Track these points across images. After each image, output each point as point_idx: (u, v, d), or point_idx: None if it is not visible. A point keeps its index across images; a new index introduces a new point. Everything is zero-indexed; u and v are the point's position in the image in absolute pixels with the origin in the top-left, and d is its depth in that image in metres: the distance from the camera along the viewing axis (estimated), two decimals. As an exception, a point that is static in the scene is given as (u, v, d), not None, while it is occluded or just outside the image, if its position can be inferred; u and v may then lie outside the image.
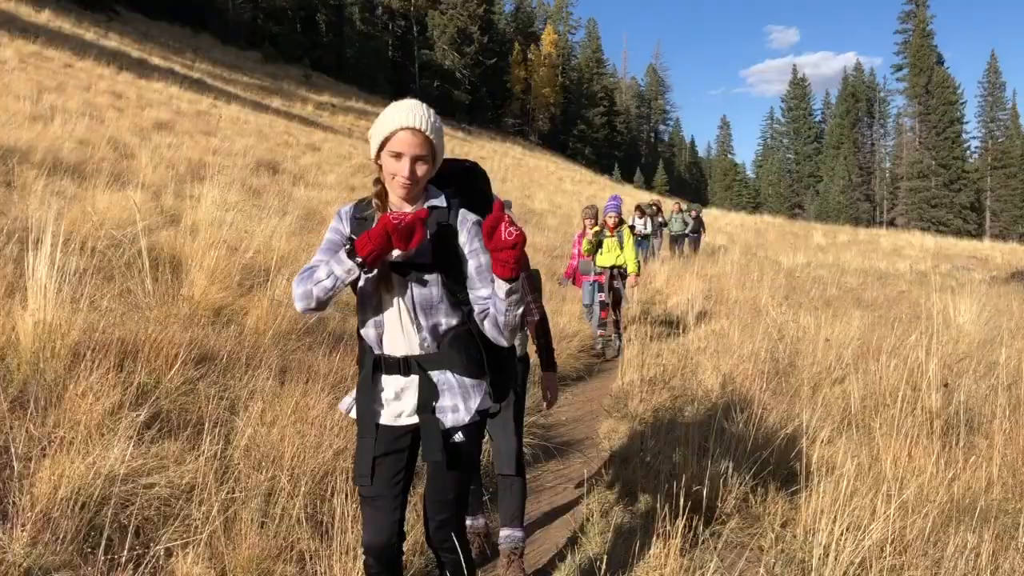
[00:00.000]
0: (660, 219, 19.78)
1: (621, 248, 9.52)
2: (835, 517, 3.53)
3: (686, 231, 20.67)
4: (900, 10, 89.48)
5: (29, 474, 3.14)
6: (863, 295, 14.26)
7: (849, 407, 5.74)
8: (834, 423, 5.39)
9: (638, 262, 9.77)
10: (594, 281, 9.72)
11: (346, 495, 3.45)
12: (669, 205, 22.60)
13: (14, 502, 2.98)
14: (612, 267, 9.52)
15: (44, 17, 28.17)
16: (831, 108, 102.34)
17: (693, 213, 20.99)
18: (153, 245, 6.43)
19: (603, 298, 9.56)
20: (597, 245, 9.48)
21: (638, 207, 18.54)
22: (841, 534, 3.43)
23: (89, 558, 2.89)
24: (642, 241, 17.22)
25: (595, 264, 9.61)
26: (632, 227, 13.31)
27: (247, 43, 51.88)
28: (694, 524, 3.73)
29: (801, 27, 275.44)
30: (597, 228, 9.51)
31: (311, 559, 3.23)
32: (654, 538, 3.70)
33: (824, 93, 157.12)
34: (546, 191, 32.60)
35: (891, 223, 75.12)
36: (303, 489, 3.62)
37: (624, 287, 9.66)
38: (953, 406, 5.57)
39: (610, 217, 9.52)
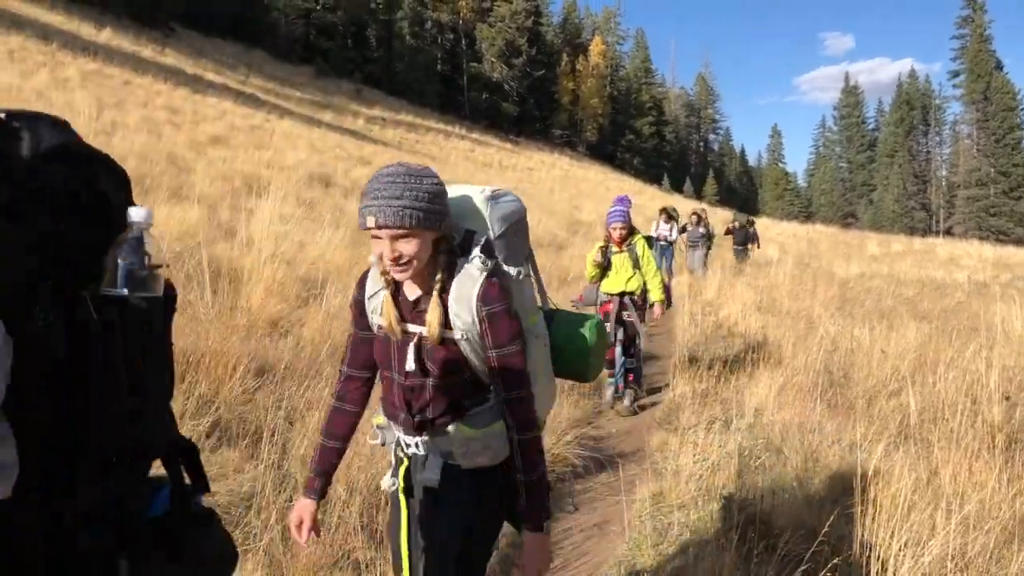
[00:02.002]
0: (701, 230, 17.03)
1: (635, 268, 6.94)
2: (893, 532, 3.47)
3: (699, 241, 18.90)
4: (957, 15, 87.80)
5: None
6: (919, 306, 13.97)
7: (906, 420, 5.63)
8: (890, 436, 5.29)
9: (666, 285, 7.29)
10: (599, 314, 6.85)
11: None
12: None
13: (83, 508, 3.08)
14: (622, 294, 6.99)
15: (104, 36, 29.00)
16: (884, 116, 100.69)
17: (736, 224, 19.94)
18: (211, 258, 6.58)
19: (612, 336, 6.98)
20: (605, 267, 6.98)
21: (663, 210, 16.14)
22: (899, 549, 3.38)
23: (154, 563, 2.97)
24: (667, 248, 15.19)
25: (599, 291, 7.10)
26: (651, 237, 11.26)
27: (299, 59, 53.06)
28: (748, 537, 3.70)
29: (857, 34, 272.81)
30: (601, 244, 6.98)
31: (367, 567, 3.28)
32: (707, 551, 3.68)
33: (877, 101, 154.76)
34: (594, 201, 32.45)
35: (948, 232, 73.54)
36: (358, 499, 3.68)
37: (643, 319, 7.26)
38: (1016, 419, 5.45)
39: (615, 229, 6.86)
